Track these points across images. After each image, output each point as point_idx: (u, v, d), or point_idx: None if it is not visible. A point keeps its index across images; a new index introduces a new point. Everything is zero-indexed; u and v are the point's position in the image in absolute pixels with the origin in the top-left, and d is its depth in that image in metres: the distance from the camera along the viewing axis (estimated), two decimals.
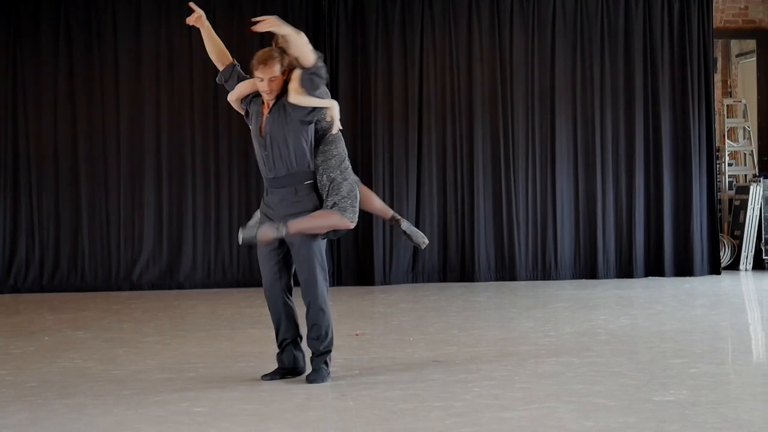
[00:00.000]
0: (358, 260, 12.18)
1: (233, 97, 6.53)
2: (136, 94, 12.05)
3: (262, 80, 6.26)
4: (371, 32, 12.26)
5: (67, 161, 12.02)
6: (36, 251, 11.96)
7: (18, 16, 11.97)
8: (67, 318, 9.71)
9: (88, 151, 12.02)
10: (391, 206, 12.16)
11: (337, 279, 12.02)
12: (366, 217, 11.87)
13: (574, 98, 12.41)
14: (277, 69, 6.25)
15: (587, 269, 12.32)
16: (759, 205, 12.79)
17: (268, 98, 6.33)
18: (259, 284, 11.56)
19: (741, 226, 12.85)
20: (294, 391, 6.16)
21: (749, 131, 13.65)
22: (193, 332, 8.69)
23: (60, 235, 11.98)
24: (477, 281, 12.07)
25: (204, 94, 12.00)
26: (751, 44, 14.01)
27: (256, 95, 6.43)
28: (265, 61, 6.24)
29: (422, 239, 6.86)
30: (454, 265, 12.24)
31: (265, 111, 6.39)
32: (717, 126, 13.07)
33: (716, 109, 13.16)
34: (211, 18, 11.92)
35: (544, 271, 12.29)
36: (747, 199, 12.83)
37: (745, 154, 13.87)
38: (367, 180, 12.12)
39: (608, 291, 11.15)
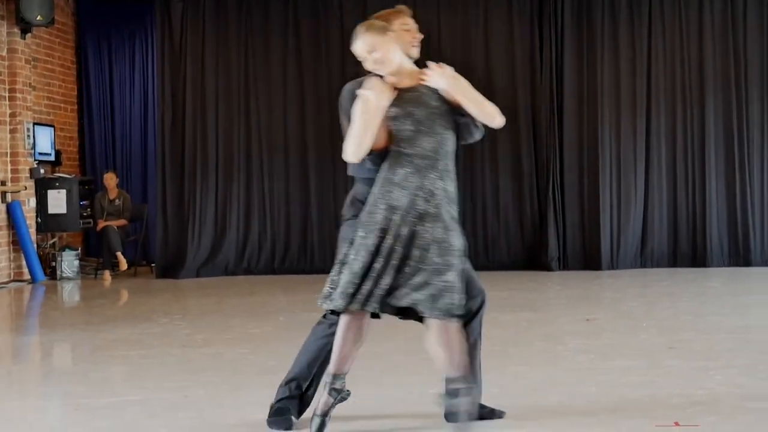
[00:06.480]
0: (584, 245, 12.01)
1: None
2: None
3: (408, 29, 4.83)
4: (597, 20, 12.07)
5: (297, 150, 12.39)
6: (268, 235, 12.37)
7: (250, 11, 12.38)
8: (299, 299, 9.98)
9: (316, 141, 12.34)
10: (619, 193, 11.98)
11: (563, 263, 11.89)
12: (592, 200, 11.77)
13: None
14: None
15: None
16: None
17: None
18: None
19: None
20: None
21: None
22: None
23: (290, 219, 12.36)
24: (709, 266, 11.72)
25: None
26: None
27: None
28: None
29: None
30: (685, 250, 11.91)
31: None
32: None
33: None
34: (435, 6, 12.14)
35: None
36: None
37: None
38: (593, 168, 11.96)
39: None
